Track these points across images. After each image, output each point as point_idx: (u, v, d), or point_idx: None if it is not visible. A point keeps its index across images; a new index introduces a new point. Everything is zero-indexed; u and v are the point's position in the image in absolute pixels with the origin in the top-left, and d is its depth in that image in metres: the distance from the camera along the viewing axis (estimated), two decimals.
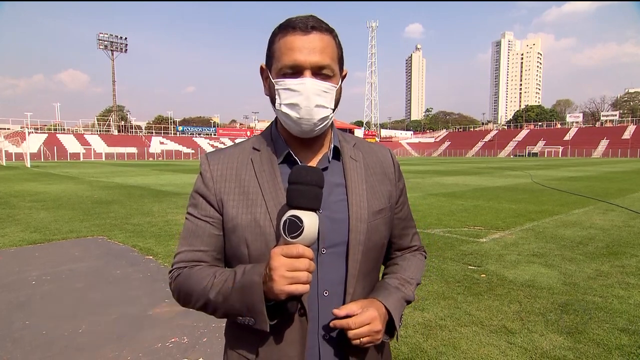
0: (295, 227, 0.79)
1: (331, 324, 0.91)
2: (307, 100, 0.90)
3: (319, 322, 0.95)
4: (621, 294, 4.16)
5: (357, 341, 0.89)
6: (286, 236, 0.80)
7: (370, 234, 0.98)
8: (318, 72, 0.91)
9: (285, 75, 0.92)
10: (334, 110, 0.96)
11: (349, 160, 1.03)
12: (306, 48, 0.90)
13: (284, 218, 0.81)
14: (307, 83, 0.90)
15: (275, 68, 0.94)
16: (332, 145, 1.03)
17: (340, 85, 0.99)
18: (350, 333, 0.88)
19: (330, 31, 0.95)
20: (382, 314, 0.94)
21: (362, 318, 0.89)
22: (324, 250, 0.95)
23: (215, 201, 0.99)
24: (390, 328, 0.99)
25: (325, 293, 0.94)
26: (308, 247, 0.81)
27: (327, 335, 0.95)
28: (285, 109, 0.93)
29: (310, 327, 0.93)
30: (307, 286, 0.81)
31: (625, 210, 9.52)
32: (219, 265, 1.01)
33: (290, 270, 0.79)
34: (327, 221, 0.95)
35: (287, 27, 0.92)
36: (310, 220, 0.80)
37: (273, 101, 0.97)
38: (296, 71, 0.91)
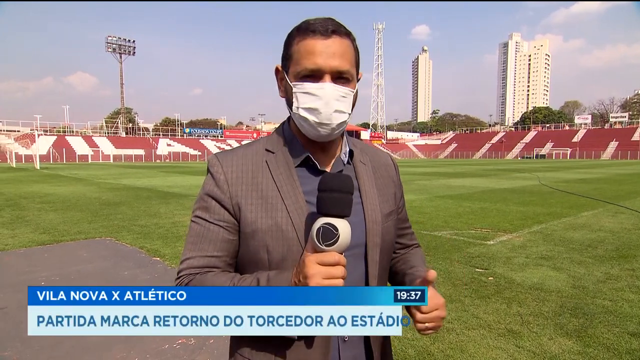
0: (330, 234, 0.79)
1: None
2: (327, 105, 0.90)
3: None
4: (631, 298, 4.10)
5: (423, 326, 0.86)
6: (320, 244, 0.80)
7: (384, 235, 1.01)
8: (337, 77, 0.91)
9: (304, 79, 0.91)
10: (350, 114, 0.96)
11: (360, 164, 1.04)
12: (326, 52, 0.89)
13: (316, 226, 0.80)
14: (327, 88, 0.89)
15: (294, 71, 0.92)
16: (347, 149, 1.03)
17: (357, 88, 0.99)
18: (419, 316, 0.86)
19: (348, 35, 0.94)
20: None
21: (435, 301, 0.86)
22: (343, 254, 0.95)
23: (231, 205, 0.95)
24: None
25: None
26: (340, 254, 0.82)
27: (346, 337, 0.95)
28: (303, 113, 0.91)
29: None
30: None
31: (636, 213, 9.41)
32: (230, 271, 0.98)
33: (326, 278, 0.79)
34: None
35: (307, 30, 0.91)
36: (344, 228, 0.81)
37: (289, 103, 0.96)
38: (316, 75, 0.90)
